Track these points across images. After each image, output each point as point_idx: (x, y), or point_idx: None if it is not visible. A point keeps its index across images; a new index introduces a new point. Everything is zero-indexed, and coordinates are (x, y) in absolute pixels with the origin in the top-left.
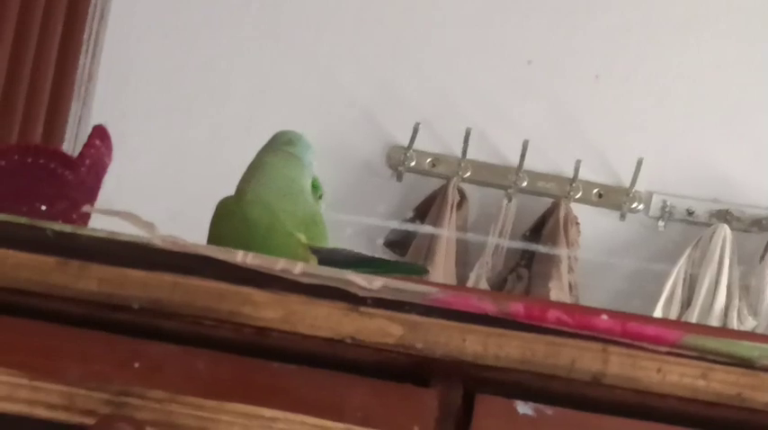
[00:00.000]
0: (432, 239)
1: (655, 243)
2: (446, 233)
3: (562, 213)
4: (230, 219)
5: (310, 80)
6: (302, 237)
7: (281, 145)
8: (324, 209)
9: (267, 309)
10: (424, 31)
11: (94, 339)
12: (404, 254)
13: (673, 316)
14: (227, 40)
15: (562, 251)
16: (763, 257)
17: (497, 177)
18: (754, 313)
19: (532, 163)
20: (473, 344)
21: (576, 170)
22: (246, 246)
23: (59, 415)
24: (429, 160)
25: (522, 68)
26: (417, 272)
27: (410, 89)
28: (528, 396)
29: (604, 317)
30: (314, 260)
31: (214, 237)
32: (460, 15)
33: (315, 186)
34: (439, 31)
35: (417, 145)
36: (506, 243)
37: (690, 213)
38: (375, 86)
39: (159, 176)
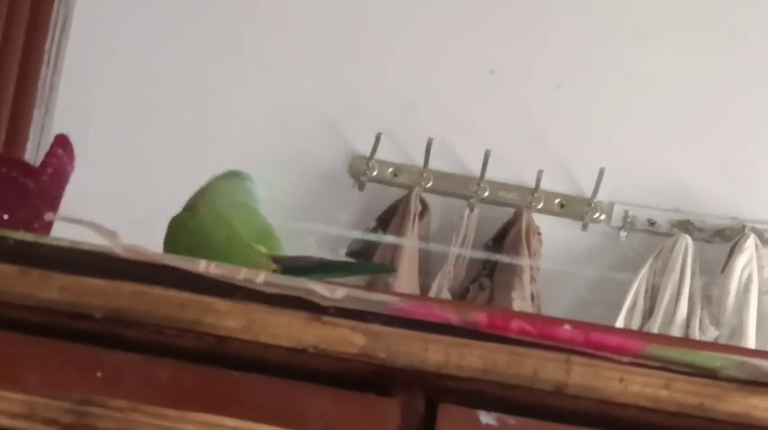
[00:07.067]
0: (394, 249)
1: (616, 253)
2: (408, 243)
3: (524, 223)
4: (186, 235)
5: (273, 89)
6: (262, 248)
7: (229, 174)
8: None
9: (229, 319)
10: (386, 41)
11: (56, 348)
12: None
13: (635, 326)
14: (189, 49)
15: (524, 261)
16: (724, 267)
17: (459, 187)
18: (716, 323)
19: (494, 173)
20: (435, 353)
21: (538, 180)
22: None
23: (21, 424)
24: (391, 170)
25: (485, 78)
26: (384, 270)
27: (372, 99)
28: (490, 406)
29: (567, 327)
30: (274, 269)
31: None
32: (423, 25)
33: None
34: (401, 40)
35: (379, 155)
36: (468, 253)
37: (651, 223)
38: (337, 96)
39: (121, 185)
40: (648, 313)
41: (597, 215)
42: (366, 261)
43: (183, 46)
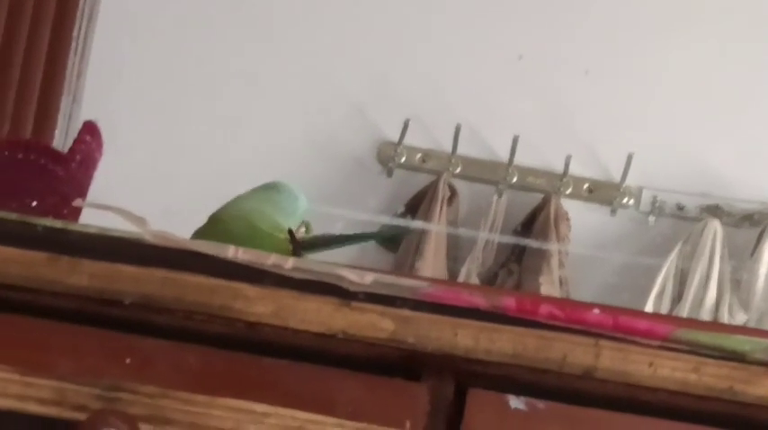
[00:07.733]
0: (423, 235)
1: (645, 238)
2: (437, 228)
3: (552, 208)
4: (209, 239)
5: (301, 76)
6: (282, 234)
7: (263, 186)
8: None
9: (258, 304)
10: (414, 27)
11: (85, 334)
12: (395, 249)
13: (664, 310)
14: (217, 36)
15: (553, 246)
16: (753, 252)
17: (488, 173)
18: (745, 307)
19: (523, 158)
20: (464, 338)
21: (567, 165)
22: None
23: (51, 410)
24: (419, 156)
25: (513, 64)
26: (395, 237)
27: (401, 85)
28: (520, 390)
29: (596, 311)
30: (291, 250)
31: None
32: (451, 11)
33: (307, 229)
34: (429, 26)
35: (407, 140)
36: (497, 238)
37: (680, 208)
38: (365, 82)
39: (149, 172)
40: (677, 298)
41: (626, 200)
42: (377, 232)
43: (211, 33)
